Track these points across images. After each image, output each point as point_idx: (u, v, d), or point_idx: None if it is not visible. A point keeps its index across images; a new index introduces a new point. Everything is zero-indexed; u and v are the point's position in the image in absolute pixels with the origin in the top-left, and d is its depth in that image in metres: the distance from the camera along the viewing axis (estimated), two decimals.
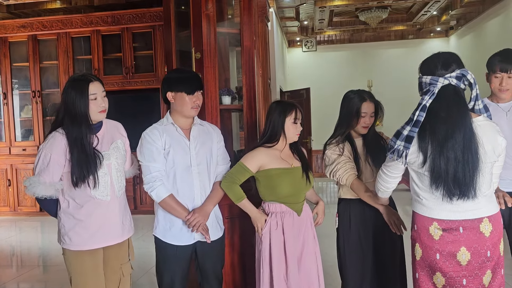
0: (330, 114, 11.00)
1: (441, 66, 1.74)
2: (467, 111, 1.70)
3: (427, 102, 1.71)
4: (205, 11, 2.72)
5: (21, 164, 6.71)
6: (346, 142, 2.39)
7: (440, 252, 1.75)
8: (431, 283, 1.80)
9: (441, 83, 1.71)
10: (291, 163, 2.30)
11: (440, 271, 1.75)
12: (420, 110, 1.71)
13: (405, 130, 1.73)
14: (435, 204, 1.75)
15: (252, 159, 2.25)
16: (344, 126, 2.41)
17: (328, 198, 8.21)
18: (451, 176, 1.67)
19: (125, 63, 6.50)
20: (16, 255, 5.07)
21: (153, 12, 6.38)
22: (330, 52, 10.91)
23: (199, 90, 2.25)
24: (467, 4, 8.10)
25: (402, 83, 9.60)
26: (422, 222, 1.80)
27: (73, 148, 2.03)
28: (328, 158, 2.40)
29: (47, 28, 6.61)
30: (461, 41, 9.77)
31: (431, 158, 1.69)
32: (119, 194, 2.18)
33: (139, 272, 3.97)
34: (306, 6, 8.31)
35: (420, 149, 1.72)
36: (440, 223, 1.75)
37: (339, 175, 2.33)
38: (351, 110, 2.38)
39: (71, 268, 2.13)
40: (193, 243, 2.27)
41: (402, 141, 1.73)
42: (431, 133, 1.69)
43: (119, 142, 2.22)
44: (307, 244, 2.31)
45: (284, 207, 2.28)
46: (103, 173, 2.11)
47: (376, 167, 2.32)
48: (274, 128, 2.28)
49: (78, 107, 2.03)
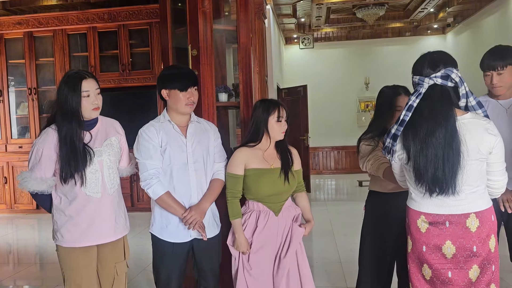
0: (327, 111, 11.12)
1: (427, 66, 1.77)
2: (450, 109, 1.73)
3: (414, 102, 1.76)
4: (202, 8, 2.72)
5: (17, 161, 6.69)
6: (381, 137, 2.39)
7: (426, 244, 1.80)
8: (420, 274, 1.85)
9: (427, 83, 1.75)
10: (271, 164, 2.29)
11: (426, 263, 1.81)
12: (406, 110, 1.76)
13: (393, 128, 1.81)
14: (422, 199, 1.81)
15: (235, 164, 2.27)
16: (380, 120, 2.44)
17: (325, 195, 8.23)
18: (430, 174, 1.72)
19: (122, 60, 6.48)
20: (12, 253, 5.06)
21: (150, 9, 6.36)
22: (327, 49, 10.90)
23: (192, 86, 2.23)
24: (464, 1, 8.11)
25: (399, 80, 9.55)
26: (411, 216, 1.86)
27: (62, 144, 2.04)
28: (362, 151, 2.42)
29: (43, 25, 6.58)
30: (458, 38, 9.78)
31: (413, 156, 1.76)
32: (111, 192, 2.18)
33: (136, 269, 3.96)
34: (303, 3, 8.30)
35: (404, 147, 1.79)
36: (427, 217, 1.80)
37: (371, 165, 2.34)
38: (386, 103, 2.41)
39: (63, 265, 2.15)
40: (190, 241, 2.27)
41: (390, 139, 1.82)
42: (413, 131, 1.75)
43: (113, 140, 2.22)
44: (287, 246, 2.29)
45: (262, 206, 2.29)
46: (94, 170, 2.11)
47: None
48: (257, 127, 2.28)
49: (70, 103, 2.04)
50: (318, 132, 10.11)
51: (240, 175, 2.26)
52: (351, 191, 8.57)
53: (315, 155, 10.78)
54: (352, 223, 4.34)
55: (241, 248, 2.25)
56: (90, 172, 2.10)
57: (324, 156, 10.83)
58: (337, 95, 10.66)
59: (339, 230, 5.29)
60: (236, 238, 2.27)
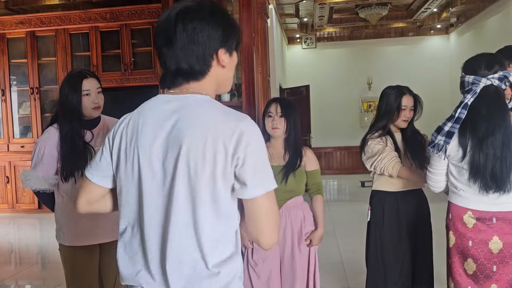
0: (330, 112, 11.08)
1: (484, 66, 1.84)
2: (506, 111, 1.82)
3: (469, 101, 1.82)
4: None
5: (19, 161, 6.68)
6: (388, 136, 2.43)
7: (472, 239, 1.85)
8: (462, 269, 1.90)
9: (484, 83, 1.82)
10: (274, 161, 2.29)
11: (472, 257, 1.86)
12: (462, 108, 1.82)
13: (446, 126, 1.84)
14: (471, 196, 1.86)
15: None
16: (384, 120, 2.45)
17: (328, 196, 8.21)
18: (489, 171, 1.78)
19: (124, 60, 6.47)
20: (14, 252, 5.06)
21: (152, 9, 6.34)
22: (329, 49, 10.88)
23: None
24: (467, 1, 8.07)
25: (402, 80, 9.56)
26: (457, 211, 1.91)
27: (63, 142, 2.06)
28: (371, 149, 2.41)
29: (45, 25, 6.58)
30: (461, 39, 9.74)
31: (471, 153, 1.81)
32: None
33: None
34: (305, 3, 8.28)
35: (460, 144, 1.83)
36: (474, 213, 1.86)
37: (384, 164, 2.34)
38: (392, 103, 2.42)
39: (65, 263, 2.15)
40: None
41: (443, 136, 1.84)
42: (472, 130, 1.80)
43: None
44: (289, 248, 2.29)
45: None
46: None
47: (414, 162, 2.41)
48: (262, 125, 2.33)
49: (70, 102, 2.05)
50: (321, 132, 10.09)
51: None
52: (354, 191, 8.55)
53: (317, 155, 10.66)
54: (355, 223, 4.34)
55: (244, 240, 2.24)
56: None
57: (326, 156, 10.81)
58: (340, 95, 10.64)
59: (341, 231, 5.28)
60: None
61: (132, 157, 1.14)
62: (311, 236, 2.33)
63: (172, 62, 1.13)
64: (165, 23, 1.13)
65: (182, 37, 1.09)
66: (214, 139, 1.06)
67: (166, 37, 1.11)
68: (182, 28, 1.09)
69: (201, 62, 1.12)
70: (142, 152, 1.13)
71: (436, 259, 2.55)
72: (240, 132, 1.06)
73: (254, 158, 1.07)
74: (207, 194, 1.07)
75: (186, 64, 1.11)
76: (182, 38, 1.09)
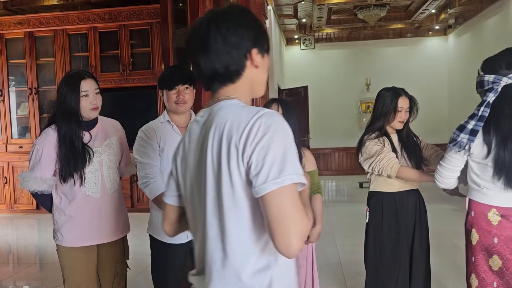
0: (328, 112, 11.08)
1: (505, 66, 1.87)
2: None
3: (491, 99, 1.85)
4: (203, 8, 2.71)
5: (17, 161, 6.68)
6: (385, 137, 2.45)
7: (498, 236, 1.88)
8: (487, 265, 1.92)
9: (505, 82, 1.85)
10: None
11: (497, 254, 1.88)
12: (484, 106, 1.85)
13: (470, 124, 1.86)
14: (495, 193, 1.88)
15: None
16: (381, 121, 2.46)
17: (326, 197, 8.21)
18: None
19: (122, 60, 6.47)
20: (12, 253, 5.06)
21: (151, 9, 6.35)
22: (328, 50, 10.89)
23: (181, 84, 2.17)
24: (465, 2, 8.09)
25: (401, 80, 9.57)
26: (480, 209, 1.93)
27: (61, 143, 2.06)
28: (369, 150, 2.43)
29: (44, 25, 6.57)
30: (459, 40, 9.76)
31: (495, 150, 1.84)
32: (110, 192, 2.18)
33: (135, 270, 3.95)
34: (304, 4, 8.29)
35: (485, 142, 1.86)
36: (499, 210, 1.88)
37: (383, 165, 2.36)
38: (388, 105, 2.44)
39: (63, 264, 2.15)
40: (187, 241, 2.25)
41: (466, 134, 1.86)
42: (496, 127, 1.84)
43: (114, 140, 2.23)
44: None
45: None
46: (93, 170, 2.12)
47: (411, 162, 2.44)
48: None
49: (69, 103, 2.05)
50: (319, 133, 10.09)
51: None
52: (352, 192, 8.55)
53: (316, 156, 10.65)
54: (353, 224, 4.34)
55: None
56: (89, 172, 2.10)
57: (324, 157, 10.81)
58: (338, 96, 10.65)
59: (339, 232, 5.28)
60: None
61: (185, 172, 1.18)
62: (310, 232, 2.35)
63: (207, 66, 1.13)
64: (198, 29, 1.14)
65: (217, 39, 1.10)
66: (227, 142, 1.03)
67: (201, 42, 1.12)
68: (216, 31, 1.10)
69: (236, 62, 1.12)
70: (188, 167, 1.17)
71: (432, 259, 2.56)
72: (251, 127, 1.01)
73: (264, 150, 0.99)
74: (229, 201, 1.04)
75: (222, 66, 1.12)
76: (216, 40, 1.10)
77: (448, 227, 5.37)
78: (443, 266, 3.92)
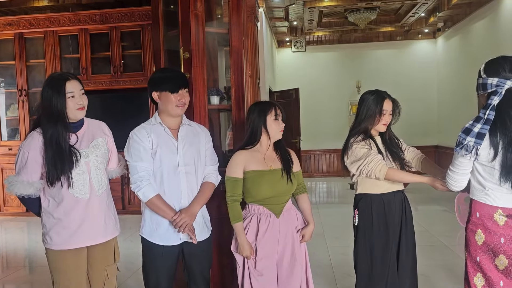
0: (319, 114, 11.11)
1: (508, 69, 1.88)
2: None
3: (496, 102, 1.87)
4: (194, 11, 2.72)
5: (7, 163, 6.61)
6: (370, 140, 2.47)
7: (504, 236, 1.91)
8: (493, 265, 1.95)
9: (508, 85, 1.86)
10: (270, 165, 2.30)
11: (504, 253, 1.92)
12: (490, 110, 1.86)
13: (475, 127, 1.87)
14: (501, 194, 1.91)
15: (234, 166, 2.28)
16: (365, 124, 2.48)
17: (317, 198, 8.25)
18: None
19: (114, 62, 6.45)
20: (1, 256, 5.00)
21: (142, 11, 6.34)
22: (319, 53, 10.94)
23: (183, 88, 2.24)
24: (454, 6, 8.19)
25: (390, 83, 9.67)
26: (486, 210, 1.95)
27: (47, 146, 2.04)
28: (356, 153, 2.43)
29: (34, 26, 6.53)
30: (448, 43, 9.87)
31: (502, 153, 1.86)
32: (99, 193, 2.17)
33: (126, 272, 3.94)
34: (295, 7, 8.33)
35: (491, 145, 1.87)
36: (504, 210, 1.91)
37: (371, 167, 2.37)
38: (374, 108, 2.46)
39: (52, 268, 2.13)
40: (180, 244, 2.26)
41: (473, 137, 1.87)
42: (502, 130, 1.86)
43: (100, 140, 2.21)
44: (288, 250, 2.32)
45: (262, 208, 2.29)
46: (81, 171, 2.10)
47: (396, 164, 2.47)
48: (253, 128, 2.31)
49: (54, 105, 2.03)
50: (310, 135, 10.13)
51: (240, 178, 2.27)
52: (343, 194, 8.60)
53: (307, 158, 10.80)
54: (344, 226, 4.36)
55: (245, 252, 2.25)
56: (77, 174, 2.09)
57: (315, 159, 10.86)
58: (329, 98, 10.70)
59: (330, 233, 5.31)
60: (238, 242, 2.27)
61: None
62: (303, 231, 2.39)
63: None
64: None
65: None
66: None
67: None
68: None
69: None
70: None
71: (422, 260, 2.58)
72: None
73: None
74: None
75: None
76: None
77: (437, 228, 5.42)
78: (433, 267, 3.96)
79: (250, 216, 2.31)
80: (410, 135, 10.45)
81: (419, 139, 10.09)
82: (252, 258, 2.27)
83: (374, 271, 2.46)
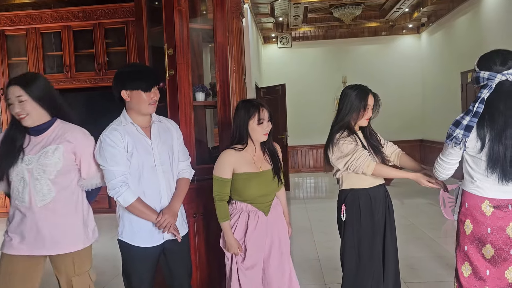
0: (306, 110, 11.14)
1: (499, 63, 1.91)
2: None
3: (485, 95, 1.90)
4: (178, 7, 2.70)
5: None
6: (354, 135, 2.47)
7: (491, 226, 1.96)
8: (480, 254, 2.00)
9: (499, 78, 1.90)
10: (259, 166, 2.29)
11: (490, 243, 1.97)
12: (479, 103, 1.89)
13: (465, 120, 1.91)
14: (488, 185, 1.96)
15: (223, 167, 2.24)
16: (348, 119, 2.48)
17: (304, 194, 8.28)
18: (508, 160, 1.88)
19: (98, 59, 6.38)
20: None
21: (126, 8, 6.27)
22: (305, 48, 10.97)
23: (155, 85, 2.16)
24: (437, 1, 8.27)
25: (376, 78, 9.75)
26: (474, 200, 2.00)
27: (2, 144, 2.08)
28: (343, 149, 2.42)
29: (15, 23, 6.42)
30: (431, 38, 9.97)
31: (489, 145, 1.89)
32: (39, 204, 2.03)
33: (113, 272, 3.91)
34: (280, 3, 8.32)
35: (479, 137, 1.91)
36: (491, 201, 1.96)
37: (359, 163, 2.37)
38: (358, 103, 2.46)
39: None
40: (162, 243, 2.21)
41: (461, 130, 1.91)
42: (490, 123, 1.89)
43: (52, 148, 2.06)
44: (276, 246, 2.34)
45: (250, 206, 2.30)
46: (19, 177, 2.05)
47: (378, 159, 2.49)
48: (240, 130, 2.27)
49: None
50: (297, 131, 10.16)
51: (228, 179, 2.24)
52: (330, 189, 8.65)
53: (294, 153, 10.84)
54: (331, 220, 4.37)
55: (232, 249, 2.26)
56: (16, 176, 2.05)
57: (302, 155, 10.90)
58: (315, 94, 10.74)
59: (317, 228, 5.34)
60: (226, 240, 2.27)
61: None
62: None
63: None
64: None
65: None
66: None
67: None
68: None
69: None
70: None
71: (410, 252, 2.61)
72: None
73: None
74: None
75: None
76: None
77: (423, 220, 5.49)
78: (421, 259, 4.01)
79: (238, 213, 2.30)
80: (395, 129, 10.57)
81: (404, 133, 10.20)
82: (240, 254, 2.28)
83: (361, 265, 2.47)
